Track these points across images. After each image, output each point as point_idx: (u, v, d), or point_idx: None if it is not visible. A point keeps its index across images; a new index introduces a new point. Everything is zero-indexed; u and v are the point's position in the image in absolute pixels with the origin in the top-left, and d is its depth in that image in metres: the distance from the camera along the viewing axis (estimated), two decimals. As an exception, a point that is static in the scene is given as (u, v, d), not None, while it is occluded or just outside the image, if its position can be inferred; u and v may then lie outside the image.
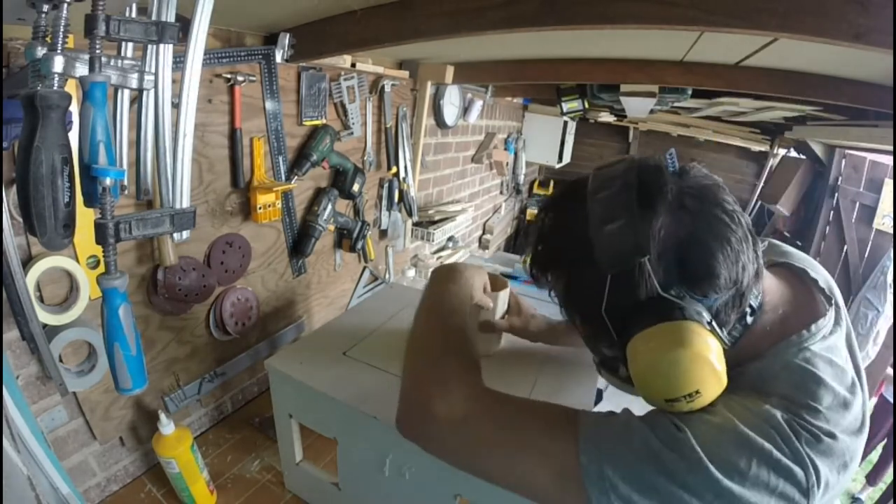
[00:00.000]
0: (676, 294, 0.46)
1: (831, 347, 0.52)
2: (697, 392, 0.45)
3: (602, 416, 0.51)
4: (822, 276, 0.60)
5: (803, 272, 0.59)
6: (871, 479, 2.84)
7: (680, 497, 0.42)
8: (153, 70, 0.62)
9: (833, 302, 0.56)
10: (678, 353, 0.44)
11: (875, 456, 2.85)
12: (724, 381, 0.46)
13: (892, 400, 2.62)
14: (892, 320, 2.93)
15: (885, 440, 2.72)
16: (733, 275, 0.46)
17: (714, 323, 0.47)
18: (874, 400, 2.74)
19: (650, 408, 0.52)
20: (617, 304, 0.47)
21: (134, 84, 0.62)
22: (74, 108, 0.63)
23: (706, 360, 0.44)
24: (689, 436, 0.44)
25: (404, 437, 0.59)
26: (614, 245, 0.46)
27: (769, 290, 0.53)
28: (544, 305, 1.99)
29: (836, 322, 0.55)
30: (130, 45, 0.63)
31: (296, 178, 1.27)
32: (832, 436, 0.44)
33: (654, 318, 0.45)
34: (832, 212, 3.34)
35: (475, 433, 0.53)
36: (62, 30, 0.51)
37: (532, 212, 4.15)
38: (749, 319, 0.50)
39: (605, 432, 0.48)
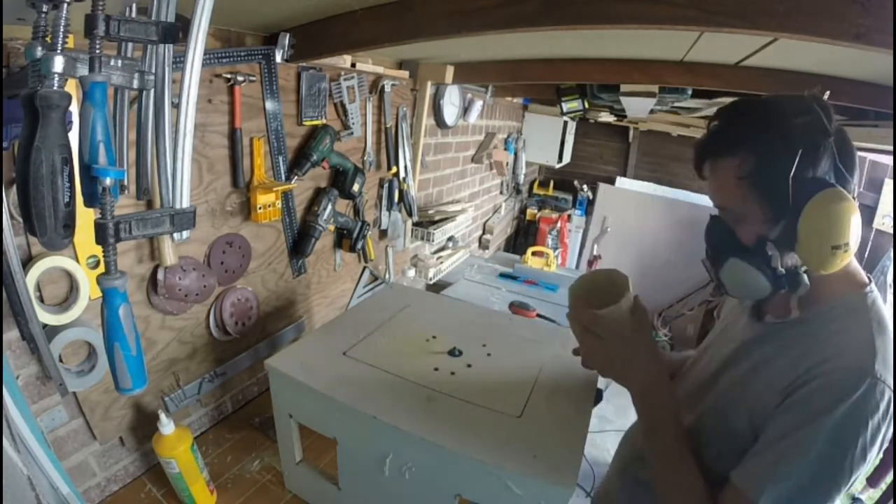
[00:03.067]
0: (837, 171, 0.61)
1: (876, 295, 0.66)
2: (848, 244, 0.60)
3: (750, 469, 0.62)
4: None
5: None
6: (873, 481, 2.84)
7: (837, 472, 0.57)
8: (153, 70, 0.62)
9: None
10: (846, 204, 0.59)
11: (876, 458, 2.84)
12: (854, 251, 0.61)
13: (893, 402, 2.61)
14: (892, 320, 2.92)
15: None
16: (855, 189, 0.63)
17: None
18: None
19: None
20: (800, 174, 0.60)
21: (134, 84, 0.62)
22: (74, 108, 0.63)
23: (856, 215, 0.59)
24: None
25: None
26: (807, 129, 0.60)
27: None
28: (546, 305, 1.98)
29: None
30: (130, 45, 0.63)
31: (296, 178, 1.27)
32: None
33: (826, 184, 0.60)
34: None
35: None
36: (62, 30, 0.51)
37: (532, 212, 4.15)
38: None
39: (766, 482, 0.59)
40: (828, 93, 0.64)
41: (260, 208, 1.13)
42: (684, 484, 0.67)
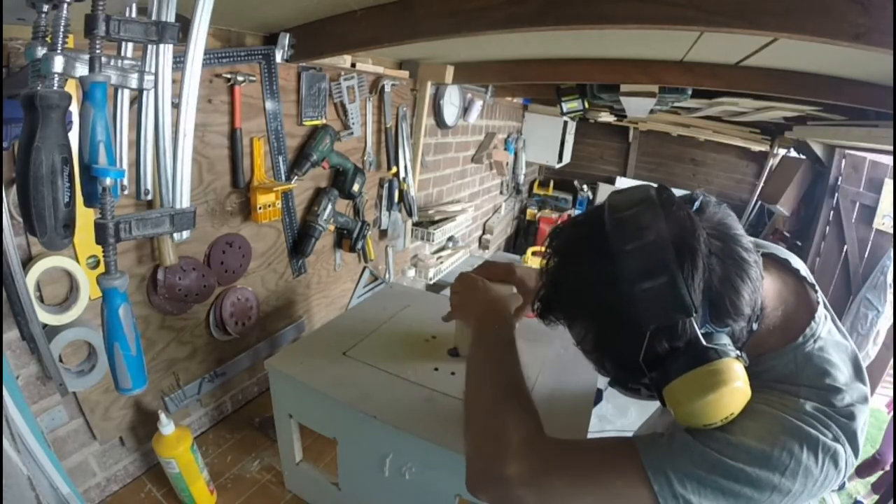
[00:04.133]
0: (705, 333, 0.47)
1: (831, 330, 0.56)
2: (732, 414, 0.48)
3: (655, 440, 0.53)
4: (800, 264, 0.62)
5: (786, 262, 0.61)
6: (876, 487, 2.85)
7: (747, 494, 0.46)
8: (153, 70, 0.62)
9: (816, 288, 0.59)
10: (719, 393, 0.46)
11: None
12: (749, 394, 0.48)
13: (893, 402, 2.62)
14: (892, 320, 2.93)
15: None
16: (753, 302, 0.49)
17: (734, 346, 0.49)
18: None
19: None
20: (654, 354, 0.47)
21: (134, 84, 0.62)
22: (74, 108, 0.63)
23: (741, 391, 0.47)
24: (741, 439, 0.47)
25: (479, 499, 0.59)
26: (657, 303, 0.45)
27: (767, 291, 0.54)
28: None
29: (823, 305, 0.58)
30: (130, 45, 0.62)
31: (296, 178, 1.27)
32: (853, 408, 0.49)
33: (691, 362, 0.47)
34: (832, 212, 3.34)
35: (549, 488, 0.54)
36: (62, 30, 0.51)
37: (532, 212, 4.15)
38: (754, 326, 0.52)
39: (665, 457, 0.50)
40: (666, 193, 0.50)
41: (260, 208, 1.13)
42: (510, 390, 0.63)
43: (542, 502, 0.54)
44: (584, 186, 4.37)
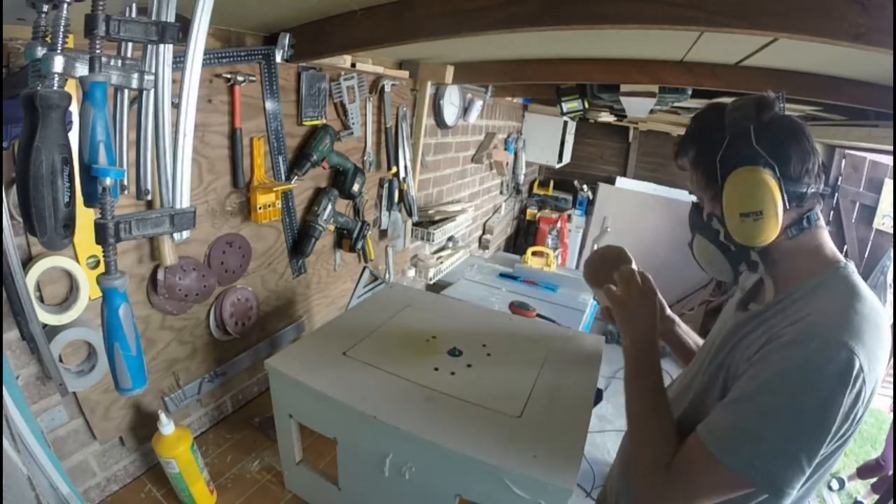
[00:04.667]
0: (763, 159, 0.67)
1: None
2: (760, 213, 0.66)
3: (711, 425, 0.65)
4: None
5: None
6: (876, 487, 2.86)
7: (788, 426, 0.58)
8: (153, 70, 0.62)
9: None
10: (756, 176, 0.66)
11: (847, 435, 2.85)
12: (778, 229, 0.67)
13: (893, 402, 2.61)
14: (892, 320, 2.92)
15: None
16: (797, 166, 0.67)
17: (782, 184, 0.66)
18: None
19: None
20: (727, 155, 0.69)
21: (134, 84, 0.62)
22: (74, 108, 0.63)
23: (771, 190, 0.65)
24: (776, 397, 0.60)
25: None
26: (736, 119, 0.69)
27: (819, 233, 0.71)
28: (545, 305, 1.98)
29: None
30: (130, 45, 0.62)
31: (296, 178, 1.27)
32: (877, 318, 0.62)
33: (745, 161, 0.68)
34: (832, 211, 3.35)
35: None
36: (62, 30, 0.51)
37: (532, 212, 4.15)
38: (805, 223, 0.69)
39: (728, 444, 0.62)
40: (782, 92, 0.71)
41: (260, 208, 1.13)
42: (659, 421, 0.75)
43: None
44: (584, 186, 4.37)
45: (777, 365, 0.60)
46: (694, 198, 0.82)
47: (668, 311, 1.01)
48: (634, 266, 0.90)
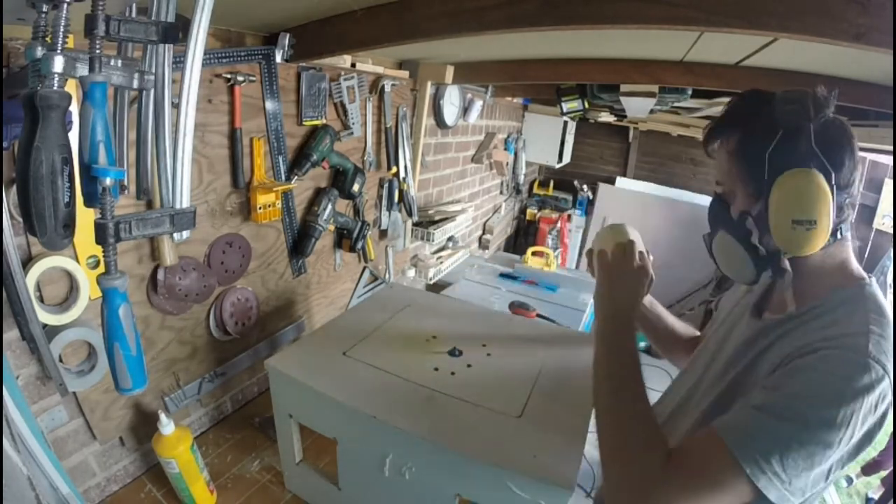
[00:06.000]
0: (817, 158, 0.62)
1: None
2: (814, 222, 0.61)
3: (737, 429, 0.59)
4: None
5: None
6: (886, 480, 2.86)
7: (819, 451, 0.54)
8: (153, 70, 0.62)
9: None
10: (814, 181, 0.60)
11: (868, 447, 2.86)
12: (825, 240, 0.63)
13: (893, 402, 2.60)
14: (892, 320, 2.92)
15: None
16: (847, 174, 0.63)
17: (835, 192, 0.62)
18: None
19: None
20: (779, 151, 0.63)
21: (134, 84, 0.62)
22: (74, 108, 0.63)
23: (827, 198, 0.60)
24: (810, 409, 0.55)
25: None
26: (791, 114, 0.63)
27: (846, 246, 0.68)
28: (546, 305, 1.98)
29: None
30: (130, 45, 0.62)
31: (296, 178, 1.27)
32: None
33: (801, 162, 0.62)
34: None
35: (680, 497, 0.60)
36: (62, 30, 0.51)
37: (532, 212, 4.15)
38: (839, 235, 0.66)
39: (749, 444, 0.57)
40: (835, 91, 0.65)
41: (260, 208, 1.13)
42: (633, 401, 0.68)
43: None
44: (584, 186, 4.37)
45: (807, 379, 0.57)
46: (717, 188, 0.75)
47: (659, 308, 1.00)
48: (640, 245, 0.87)
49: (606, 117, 3.17)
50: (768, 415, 0.57)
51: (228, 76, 1.02)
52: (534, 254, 2.44)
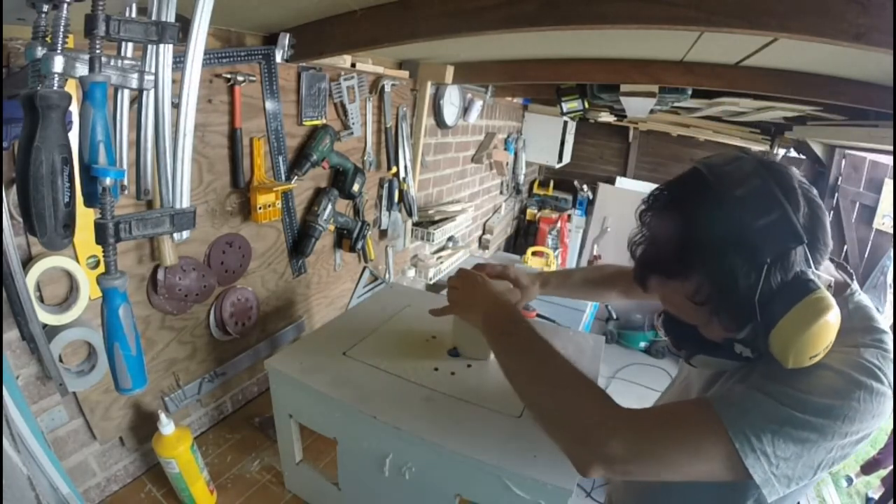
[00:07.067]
0: (801, 271, 0.54)
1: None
2: (830, 343, 0.54)
3: (730, 402, 0.57)
4: None
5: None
6: (886, 480, 2.86)
7: (812, 439, 0.52)
8: (153, 70, 0.62)
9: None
10: (825, 319, 0.52)
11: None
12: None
13: (893, 402, 2.61)
14: (892, 320, 2.93)
15: None
16: (827, 243, 0.58)
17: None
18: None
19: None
20: (768, 289, 0.53)
21: (134, 84, 0.62)
22: (74, 108, 0.63)
23: (836, 314, 0.53)
24: (809, 397, 0.53)
25: (589, 477, 0.62)
26: (773, 235, 0.52)
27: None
28: (546, 305, 1.98)
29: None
30: (130, 45, 0.62)
31: (296, 178, 1.27)
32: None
33: (800, 292, 0.53)
34: (832, 212, 3.35)
35: (647, 456, 0.58)
36: (62, 30, 0.51)
37: (532, 212, 4.15)
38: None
39: (742, 417, 0.54)
40: (779, 154, 0.60)
41: (260, 208, 1.13)
42: (551, 366, 0.67)
43: (643, 469, 0.58)
44: (584, 186, 4.37)
45: (807, 372, 0.55)
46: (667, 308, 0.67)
47: (576, 276, 1.08)
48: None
49: (606, 117, 3.17)
50: (765, 395, 0.55)
51: (228, 76, 1.02)
52: (534, 254, 2.44)
